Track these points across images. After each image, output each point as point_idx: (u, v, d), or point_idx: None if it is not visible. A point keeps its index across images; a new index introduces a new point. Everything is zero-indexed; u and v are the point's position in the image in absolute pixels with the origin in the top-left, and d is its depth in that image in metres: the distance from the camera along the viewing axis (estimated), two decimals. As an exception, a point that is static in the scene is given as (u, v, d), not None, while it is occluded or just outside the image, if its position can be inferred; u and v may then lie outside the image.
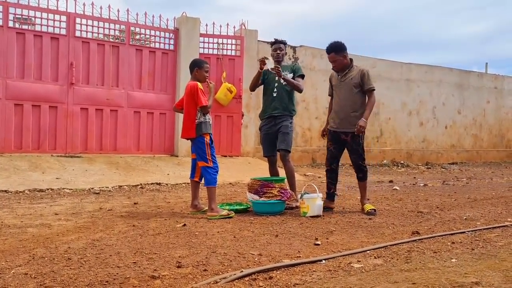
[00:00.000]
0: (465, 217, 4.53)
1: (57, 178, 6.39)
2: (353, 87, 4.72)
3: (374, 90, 4.76)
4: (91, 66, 7.95)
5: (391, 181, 8.09)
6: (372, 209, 4.66)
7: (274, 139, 5.11)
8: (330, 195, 4.93)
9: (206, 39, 9.13)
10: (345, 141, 4.78)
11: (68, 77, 7.72)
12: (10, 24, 7.29)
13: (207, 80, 4.60)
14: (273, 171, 5.22)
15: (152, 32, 8.70)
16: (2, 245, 3.20)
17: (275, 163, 5.24)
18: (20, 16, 7.41)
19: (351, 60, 4.83)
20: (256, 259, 2.93)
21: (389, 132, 12.21)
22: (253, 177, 4.86)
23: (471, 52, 53.12)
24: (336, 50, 4.72)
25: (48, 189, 5.93)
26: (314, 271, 2.68)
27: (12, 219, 4.15)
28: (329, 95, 5.02)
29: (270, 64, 4.95)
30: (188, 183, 6.05)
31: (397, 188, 7.07)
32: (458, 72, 13.56)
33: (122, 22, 8.27)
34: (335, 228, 3.96)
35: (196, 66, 4.56)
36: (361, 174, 4.85)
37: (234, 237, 3.55)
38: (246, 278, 2.51)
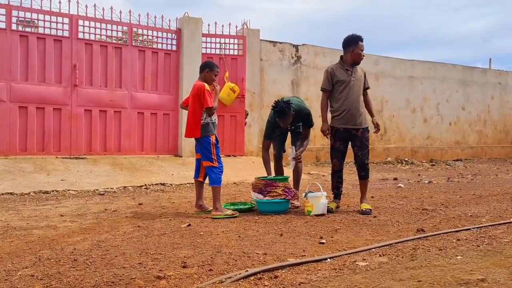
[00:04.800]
0: (470, 214, 4.51)
1: (62, 180, 6.42)
2: (362, 84, 4.77)
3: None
4: (94, 68, 7.98)
5: (395, 179, 8.06)
6: (368, 208, 4.61)
7: (285, 136, 5.22)
8: (338, 195, 4.90)
9: (209, 39, 9.13)
10: (353, 137, 4.72)
11: (71, 79, 7.75)
12: (13, 27, 7.33)
13: (213, 83, 4.62)
14: (280, 169, 5.24)
15: (155, 33, 8.71)
16: (9, 247, 3.22)
17: (282, 159, 5.28)
18: (23, 19, 7.45)
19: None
20: (261, 258, 2.93)
21: (393, 129, 12.18)
22: (257, 176, 4.87)
23: (474, 48, 52.95)
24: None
25: (53, 190, 5.96)
26: (319, 269, 2.68)
27: (18, 221, 4.17)
28: (327, 89, 4.73)
29: (292, 154, 4.98)
30: (192, 183, 6.06)
31: (402, 185, 7.05)
32: (462, 68, 13.51)
33: (124, 24, 8.29)
34: (340, 227, 3.95)
35: (208, 68, 4.59)
36: (364, 172, 4.80)
37: (239, 236, 3.55)
38: (252, 278, 2.52)
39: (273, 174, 5.12)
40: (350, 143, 4.81)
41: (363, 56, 4.74)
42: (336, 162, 4.83)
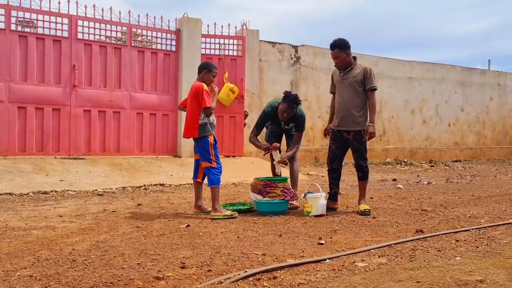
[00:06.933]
0: (469, 215, 4.52)
1: (60, 180, 6.41)
2: (356, 86, 4.66)
3: (375, 89, 4.69)
4: (93, 68, 7.97)
5: (394, 180, 8.07)
6: (367, 209, 4.60)
7: (281, 137, 5.31)
8: (332, 196, 4.89)
9: (208, 40, 9.13)
10: (347, 140, 4.76)
11: (70, 80, 7.75)
12: (13, 27, 7.32)
13: (211, 84, 4.63)
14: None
15: (154, 34, 8.70)
16: (7, 248, 3.22)
17: None
18: (22, 19, 7.44)
19: (354, 58, 4.78)
20: (260, 259, 2.93)
21: (392, 130, 12.19)
22: (257, 177, 4.87)
23: (473, 49, 53.04)
24: (340, 46, 4.67)
25: (52, 191, 5.95)
26: (318, 270, 2.68)
27: (16, 221, 4.17)
28: (331, 92, 4.99)
29: (276, 157, 5.03)
30: (191, 184, 6.06)
31: (401, 186, 7.06)
32: (461, 70, 13.52)
33: (124, 24, 8.28)
34: (339, 227, 3.96)
35: (206, 69, 4.59)
36: (361, 173, 4.81)
37: (238, 237, 3.55)
38: (250, 278, 2.52)
39: (270, 174, 5.14)
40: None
41: (335, 65, 4.77)
42: (327, 161, 4.95)
